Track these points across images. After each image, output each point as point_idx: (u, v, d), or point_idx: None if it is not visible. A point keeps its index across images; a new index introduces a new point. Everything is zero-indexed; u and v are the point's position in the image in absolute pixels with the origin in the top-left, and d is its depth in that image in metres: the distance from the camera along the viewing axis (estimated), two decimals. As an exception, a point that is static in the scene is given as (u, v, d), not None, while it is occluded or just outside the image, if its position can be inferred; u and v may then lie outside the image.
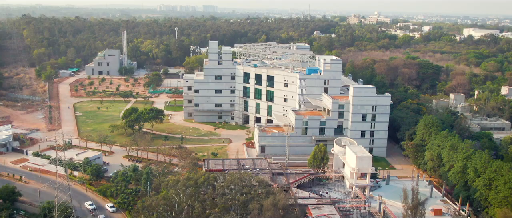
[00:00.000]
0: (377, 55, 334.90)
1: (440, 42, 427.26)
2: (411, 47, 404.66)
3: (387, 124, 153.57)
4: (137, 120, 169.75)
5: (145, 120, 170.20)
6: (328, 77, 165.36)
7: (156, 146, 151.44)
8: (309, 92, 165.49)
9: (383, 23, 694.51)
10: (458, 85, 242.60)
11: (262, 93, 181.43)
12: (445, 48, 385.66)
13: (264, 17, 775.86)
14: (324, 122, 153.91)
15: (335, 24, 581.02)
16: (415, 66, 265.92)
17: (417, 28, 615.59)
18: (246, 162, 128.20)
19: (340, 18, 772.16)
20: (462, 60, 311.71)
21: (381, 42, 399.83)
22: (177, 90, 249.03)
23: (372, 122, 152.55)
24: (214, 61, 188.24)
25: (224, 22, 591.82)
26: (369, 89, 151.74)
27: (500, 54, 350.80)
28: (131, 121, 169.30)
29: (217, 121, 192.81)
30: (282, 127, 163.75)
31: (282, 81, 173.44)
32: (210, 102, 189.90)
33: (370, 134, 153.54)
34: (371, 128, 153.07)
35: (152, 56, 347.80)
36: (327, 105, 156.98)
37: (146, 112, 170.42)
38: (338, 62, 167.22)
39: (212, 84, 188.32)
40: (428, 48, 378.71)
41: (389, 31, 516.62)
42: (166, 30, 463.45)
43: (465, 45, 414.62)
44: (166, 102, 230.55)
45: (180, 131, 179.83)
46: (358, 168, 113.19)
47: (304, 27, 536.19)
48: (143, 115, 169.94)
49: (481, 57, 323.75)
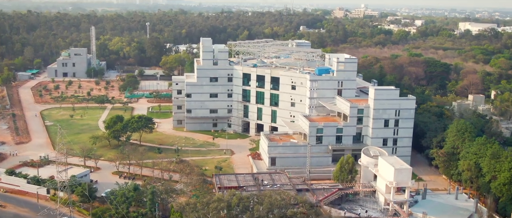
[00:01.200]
0: (374, 53, 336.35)
1: (439, 38, 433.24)
2: (409, 43, 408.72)
3: (412, 130, 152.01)
4: (124, 129, 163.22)
5: (133, 129, 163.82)
6: (342, 78, 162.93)
7: (151, 160, 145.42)
8: (321, 96, 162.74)
9: (371, 17, 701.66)
10: (471, 85, 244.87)
11: (265, 97, 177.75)
12: (446, 44, 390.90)
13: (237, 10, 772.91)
14: (341, 129, 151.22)
15: (321, 18, 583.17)
16: (422, 65, 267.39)
17: (409, 23, 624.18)
18: (263, 177, 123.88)
19: (323, 12, 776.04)
20: (469, 57, 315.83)
21: (377, 38, 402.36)
22: (159, 94, 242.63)
23: (395, 128, 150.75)
24: (208, 61, 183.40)
25: (198, 16, 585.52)
26: (392, 92, 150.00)
27: (506, 50, 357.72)
28: (116, 131, 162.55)
29: (212, 129, 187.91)
30: (291, 135, 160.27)
31: (289, 83, 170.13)
32: (204, 108, 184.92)
33: (393, 142, 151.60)
34: (394, 134, 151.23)
35: (123, 55, 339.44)
36: (343, 110, 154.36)
37: (134, 120, 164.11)
38: (353, 61, 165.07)
39: (207, 88, 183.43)
40: (428, 45, 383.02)
41: (382, 26, 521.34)
42: (135, 25, 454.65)
43: (466, 40, 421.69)
44: (148, 108, 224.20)
45: (172, 141, 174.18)
46: (396, 182, 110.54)
47: (288, 21, 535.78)
48: (131, 124, 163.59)
49: (487, 54, 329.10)
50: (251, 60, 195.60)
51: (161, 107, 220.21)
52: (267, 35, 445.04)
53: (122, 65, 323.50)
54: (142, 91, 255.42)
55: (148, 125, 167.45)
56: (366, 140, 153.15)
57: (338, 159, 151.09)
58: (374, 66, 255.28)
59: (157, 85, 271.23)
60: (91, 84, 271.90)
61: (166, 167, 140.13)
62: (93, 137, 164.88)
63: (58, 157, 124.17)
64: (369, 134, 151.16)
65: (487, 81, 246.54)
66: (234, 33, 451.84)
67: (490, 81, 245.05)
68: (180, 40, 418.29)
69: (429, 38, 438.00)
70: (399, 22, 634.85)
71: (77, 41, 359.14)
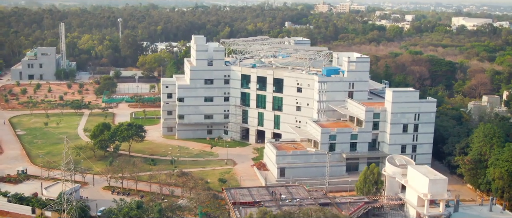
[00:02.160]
0: (370, 50, 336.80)
1: (435, 34, 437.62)
2: (405, 40, 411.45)
3: (432, 135, 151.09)
4: (112, 138, 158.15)
5: (122, 138, 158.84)
6: (353, 80, 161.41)
7: (147, 172, 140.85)
8: (330, 98, 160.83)
9: (359, 12, 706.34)
10: (480, 84, 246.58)
11: (266, 101, 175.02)
12: (444, 41, 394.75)
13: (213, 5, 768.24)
14: (355, 136, 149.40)
15: (306, 14, 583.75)
16: (426, 63, 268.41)
17: (399, 18, 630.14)
18: (279, 191, 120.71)
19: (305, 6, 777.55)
20: (472, 54, 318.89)
21: (370, 34, 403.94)
22: (141, 98, 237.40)
23: (414, 133, 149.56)
24: (202, 61, 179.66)
25: (173, 11, 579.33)
26: (411, 94, 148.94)
27: (508, 47, 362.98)
28: (103, 140, 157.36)
29: (207, 136, 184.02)
30: (299, 142, 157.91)
31: (294, 85, 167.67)
32: (198, 113, 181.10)
33: (412, 148, 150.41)
34: (413, 140, 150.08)
35: (95, 55, 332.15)
36: (357, 114, 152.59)
37: (124, 128, 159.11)
38: (366, 60, 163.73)
39: (201, 91, 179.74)
40: (426, 41, 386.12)
41: (372, 22, 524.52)
42: (104, 21, 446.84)
43: (464, 37, 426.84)
44: (131, 114, 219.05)
45: (164, 151, 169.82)
46: (431, 194, 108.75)
47: (271, 16, 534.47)
48: (120, 132, 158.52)
49: (491, 51, 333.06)
50: (247, 60, 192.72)
51: (146, 113, 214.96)
52: (250, 32, 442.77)
53: (94, 66, 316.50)
54: (121, 95, 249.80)
55: (138, 133, 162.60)
56: (382, 147, 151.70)
57: (352, 168, 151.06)
58: (378, 65, 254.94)
59: (137, 88, 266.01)
60: (63, 88, 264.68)
61: (164, 180, 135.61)
62: (76, 148, 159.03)
63: (65, 174, 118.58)
64: (386, 140, 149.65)
65: (497, 80, 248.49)
66: (214, 30, 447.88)
67: (500, 81, 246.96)
68: (156, 38, 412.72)
69: (425, 34, 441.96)
70: (389, 17, 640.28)
71: (42, 40, 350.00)
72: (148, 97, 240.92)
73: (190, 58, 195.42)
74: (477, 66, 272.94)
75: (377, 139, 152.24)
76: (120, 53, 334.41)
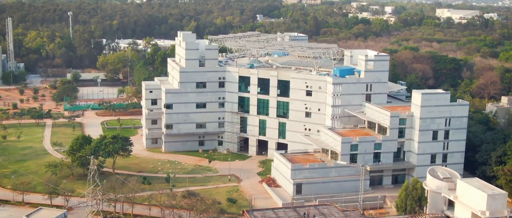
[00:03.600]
0: (358, 46, 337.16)
1: (425, 28, 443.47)
2: (393, 34, 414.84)
3: (464, 142, 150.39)
4: (95, 154, 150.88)
5: (107, 153, 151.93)
6: (371, 81, 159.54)
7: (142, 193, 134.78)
8: (346, 103, 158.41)
9: (333, 3, 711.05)
10: (489, 84, 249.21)
11: (270, 106, 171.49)
12: (437, 36, 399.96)
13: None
14: (379, 145, 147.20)
15: (278, 6, 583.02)
16: (428, 61, 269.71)
17: (379, 10, 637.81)
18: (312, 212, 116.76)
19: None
20: (472, 50, 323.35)
21: (356, 29, 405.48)
22: (111, 104, 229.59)
23: (445, 140, 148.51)
24: (192, 62, 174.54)
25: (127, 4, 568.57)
26: (442, 96, 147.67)
27: (507, 41, 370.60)
28: (84, 156, 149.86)
29: (200, 148, 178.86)
30: (312, 153, 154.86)
31: (303, 88, 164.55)
32: (189, 121, 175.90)
33: (442, 158, 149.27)
34: (444, 149, 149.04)
35: (45, 55, 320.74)
36: (379, 120, 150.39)
37: (109, 142, 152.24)
38: (385, 59, 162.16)
39: (192, 96, 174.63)
40: (418, 36, 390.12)
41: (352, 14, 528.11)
42: (50, 15, 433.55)
43: (457, 30, 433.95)
44: (102, 123, 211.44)
45: (153, 167, 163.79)
46: (490, 211, 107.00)
47: (239, 9, 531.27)
48: (105, 147, 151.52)
49: (491, 46, 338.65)
50: (242, 59, 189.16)
51: (122, 122, 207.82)
52: (219, 26, 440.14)
53: (45, 68, 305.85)
54: (85, 101, 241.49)
55: (125, 147, 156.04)
56: (409, 157, 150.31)
57: (375, 182, 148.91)
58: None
59: (101, 92, 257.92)
60: (13, 94, 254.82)
61: (166, 202, 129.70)
62: (50, 165, 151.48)
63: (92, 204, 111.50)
64: (413, 149, 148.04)
65: (507, 79, 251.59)
66: (178, 25, 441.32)
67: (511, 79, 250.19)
68: (111, 34, 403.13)
69: (414, 28, 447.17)
70: (367, 9, 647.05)
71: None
72: (119, 103, 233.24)
73: (175, 58, 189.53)
74: (483, 63, 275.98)
75: (403, 148, 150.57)
76: (75, 52, 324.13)
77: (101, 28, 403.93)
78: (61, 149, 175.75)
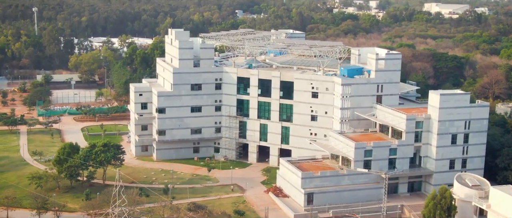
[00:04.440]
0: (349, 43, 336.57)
1: (416, 24, 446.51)
2: (384, 30, 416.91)
3: (484, 146, 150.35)
4: (85, 164, 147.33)
5: (99, 163, 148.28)
6: (382, 81, 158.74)
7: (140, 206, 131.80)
8: (355, 105, 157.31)
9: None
10: (494, 83, 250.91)
11: (271, 109, 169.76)
12: (430, 32, 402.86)
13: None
14: (394, 150, 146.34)
15: (259, 1, 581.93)
16: (428, 59, 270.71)
17: (363, 5, 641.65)
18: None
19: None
20: (471, 47, 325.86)
21: (344, 25, 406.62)
22: (91, 109, 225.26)
23: (464, 145, 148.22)
24: (187, 62, 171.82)
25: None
26: (461, 97, 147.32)
27: (504, 37, 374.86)
28: (73, 166, 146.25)
29: (195, 156, 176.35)
30: (320, 160, 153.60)
31: (309, 90, 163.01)
32: (183, 127, 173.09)
33: (461, 164, 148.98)
34: (463, 153, 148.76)
35: (11, 55, 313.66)
36: (393, 123, 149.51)
37: (100, 150, 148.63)
38: (397, 57, 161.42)
39: (186, 99, 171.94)
40: (411, 32, 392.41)
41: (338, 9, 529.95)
42: (11, 12, 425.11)
43: (450, 26, 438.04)
44: (82, 129, 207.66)
45: (146, 177, 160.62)
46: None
47: (216, 4, 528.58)
48: (96, 156, 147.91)
49: (490, 43, 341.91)
50: (238, 59, 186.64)
51: (105, 128, 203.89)
52: (197, 23, 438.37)
53: (12, 69, 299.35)
54: (60, 106, 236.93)
55: (117, 155, 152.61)
56: (426, 163, 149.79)
57: (390, 190, 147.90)
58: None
59: (76, 96, 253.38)
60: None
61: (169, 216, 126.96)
62: (34, 177, 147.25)
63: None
64: (431, 154, 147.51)
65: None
66: (152, 22, 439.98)
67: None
68: (80, 32, 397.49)
69: (404, 24, 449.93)
70: (351, 3, 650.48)
71: None
72: (100, 107, 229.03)
73: (166, 58, 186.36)
74: (485, 61, 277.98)
75: (419, 153, 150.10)
76: (43, 52, 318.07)
77: (69, 25, 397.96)
78: (42, 158, 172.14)
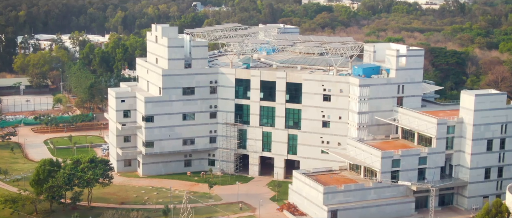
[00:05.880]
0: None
1: (397, 15, 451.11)
2: (363, 24, 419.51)
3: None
4: (69, 183, 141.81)
5: (86, 183, 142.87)
6: (403, 81, 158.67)
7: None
8: (374, 109, 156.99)
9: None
10: (501, 80, 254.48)
11: (276, 115, 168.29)
12: (415, 24, 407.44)
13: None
14: (424, 159, 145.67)
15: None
16: (427, 55, 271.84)
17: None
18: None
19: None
20: (466, 41, 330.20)
21: (320, 18, 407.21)
22: (53, 118, 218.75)
23: (500, 151, 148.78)
24: (177, 62, 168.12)
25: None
26: (497, 98, 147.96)
27: (496, 29, 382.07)
28: (56, 187, 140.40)
29: (186, 170, 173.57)
30: (338, 171, 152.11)
31: (320, 92, 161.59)
32: (174, 137, 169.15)
33: (497, 173, 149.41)
34: (499, 161, 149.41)
35: None
36: (419, 129, 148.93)
37: (87, 166, 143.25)
38: (419, 54, 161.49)
39: (177, 105, 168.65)
40: (395, 25, 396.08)
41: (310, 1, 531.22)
42: None
43: (434, 18, 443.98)
44: (45, 142, 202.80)
45: (137, 196, 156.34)
46: None
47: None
48: (83, 174, 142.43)
49: (483, 35, 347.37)
50: (221, 58, 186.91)
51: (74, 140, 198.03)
52: (152, 17, 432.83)
53: None
54: (13, 115, 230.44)
55: (106, 173, 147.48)
56: (458, 173, 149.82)
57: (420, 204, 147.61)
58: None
59: (27, 103, 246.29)
60: None
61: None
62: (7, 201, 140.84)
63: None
64: (465, 163, 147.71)
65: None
66: (100, 16, 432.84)
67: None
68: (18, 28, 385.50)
69: (384, 16, 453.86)
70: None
71: None
72: (61, 116, 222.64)
73: (148, 58, 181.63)
74: (488, 56, 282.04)
75: (450, 162, 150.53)
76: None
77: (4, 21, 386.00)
78: (7, 177, 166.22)
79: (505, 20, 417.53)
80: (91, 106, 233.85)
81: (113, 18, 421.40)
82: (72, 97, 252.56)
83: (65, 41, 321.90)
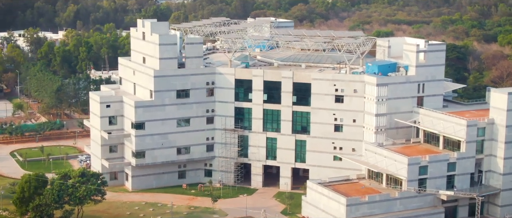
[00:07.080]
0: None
1: (378, 6, 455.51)
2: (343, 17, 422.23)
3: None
4: (59, 201, 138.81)
5: (78, 200, 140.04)
6: (423, 79, 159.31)
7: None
8: (393, 110, 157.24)
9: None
10: (506, 76, 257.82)
11: (281, 119, 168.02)
12: (400, 16, 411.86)
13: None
14: (453, 165, 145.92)
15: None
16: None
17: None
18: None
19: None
20: (460, 33, 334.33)
21: (296, 10, 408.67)
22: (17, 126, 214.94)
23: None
24: (169, 62, 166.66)
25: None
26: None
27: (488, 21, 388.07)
28: (44, 205, 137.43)
29: (180, 182, 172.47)
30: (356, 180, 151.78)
31: (331, 93, 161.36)
32: (167, 146, 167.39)
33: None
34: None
35: None
36: (445, 131, 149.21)
37: (78, 181, 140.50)
38: (441, 48, 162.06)
39: (171, 109, 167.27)
40: (380, 17, 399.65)
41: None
42: None
43: (419, 8, 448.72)
44: (12, 154, 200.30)
45: (130, 214, 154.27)
46: None
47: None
48: (74, 190, 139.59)
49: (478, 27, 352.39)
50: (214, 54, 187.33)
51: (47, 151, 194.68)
52: (108, 11, 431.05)
53: None
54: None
55: (99, 188, 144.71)
56: (489, 180, 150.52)
57: (448, 215, 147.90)
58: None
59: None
60: None
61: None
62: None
63: None
64: (497, 168, 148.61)
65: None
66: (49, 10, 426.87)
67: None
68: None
69: (365, 7, 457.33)
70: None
71: None
72: (26, 124, 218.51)
73: (132, 57, 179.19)
74: (490, 50, 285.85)
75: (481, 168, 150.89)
76: None
77: None
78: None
79: (496, 11, 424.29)
80: (58, 112, 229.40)
81: (64, 12, 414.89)
82: (33, 103, 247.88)
83: (16, 39, 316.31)
